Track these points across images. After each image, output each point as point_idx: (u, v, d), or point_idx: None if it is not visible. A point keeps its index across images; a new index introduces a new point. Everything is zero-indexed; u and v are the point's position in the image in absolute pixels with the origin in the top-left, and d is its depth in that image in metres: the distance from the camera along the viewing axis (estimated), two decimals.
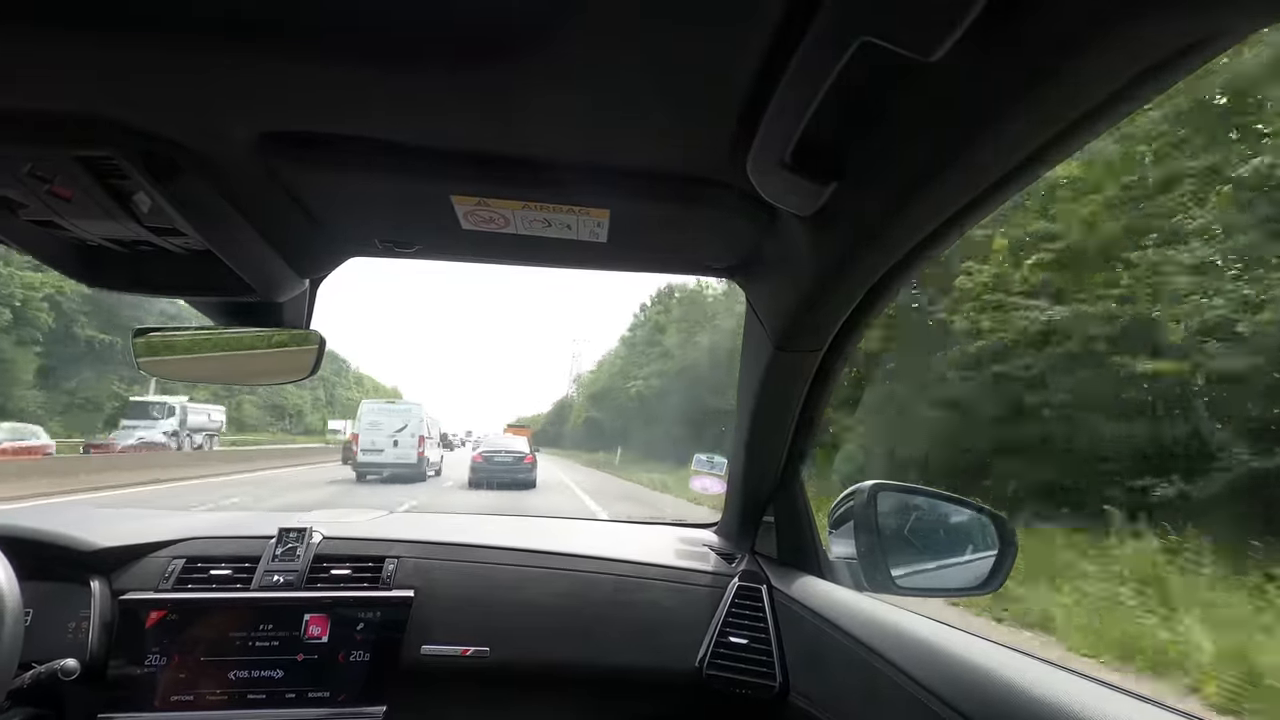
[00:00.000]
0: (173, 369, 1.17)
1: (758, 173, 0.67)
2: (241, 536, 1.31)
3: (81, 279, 0.93)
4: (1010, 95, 0.48)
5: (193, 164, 0.71)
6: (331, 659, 1.17)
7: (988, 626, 5.08)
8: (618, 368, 41.48)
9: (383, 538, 1.34)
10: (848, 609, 1.03)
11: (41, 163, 0.67)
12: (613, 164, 0.76)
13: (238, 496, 12.39)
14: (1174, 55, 0.42)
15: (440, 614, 1.23)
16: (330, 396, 59.29)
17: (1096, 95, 0.46)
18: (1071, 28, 0.42)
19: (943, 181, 0.59)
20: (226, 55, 0.56)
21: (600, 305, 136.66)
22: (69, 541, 1.20)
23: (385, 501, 11.03)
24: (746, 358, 1.19)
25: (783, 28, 0.50)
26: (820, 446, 8.01)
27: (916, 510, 1.34)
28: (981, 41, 0.42)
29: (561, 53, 0.55)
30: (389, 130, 0.69)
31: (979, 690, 0.70)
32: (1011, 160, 0.55)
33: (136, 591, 1.18)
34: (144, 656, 1.13)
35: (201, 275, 0.92)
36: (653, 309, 38.89)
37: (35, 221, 0.79)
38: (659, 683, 1.25)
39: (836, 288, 0.85)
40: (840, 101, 0.52)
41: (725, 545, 1.47)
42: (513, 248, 0.98)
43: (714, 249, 1.00)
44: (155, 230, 0.81)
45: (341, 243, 1.00)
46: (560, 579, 1.30)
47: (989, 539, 1.21)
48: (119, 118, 0.64)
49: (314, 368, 1.10)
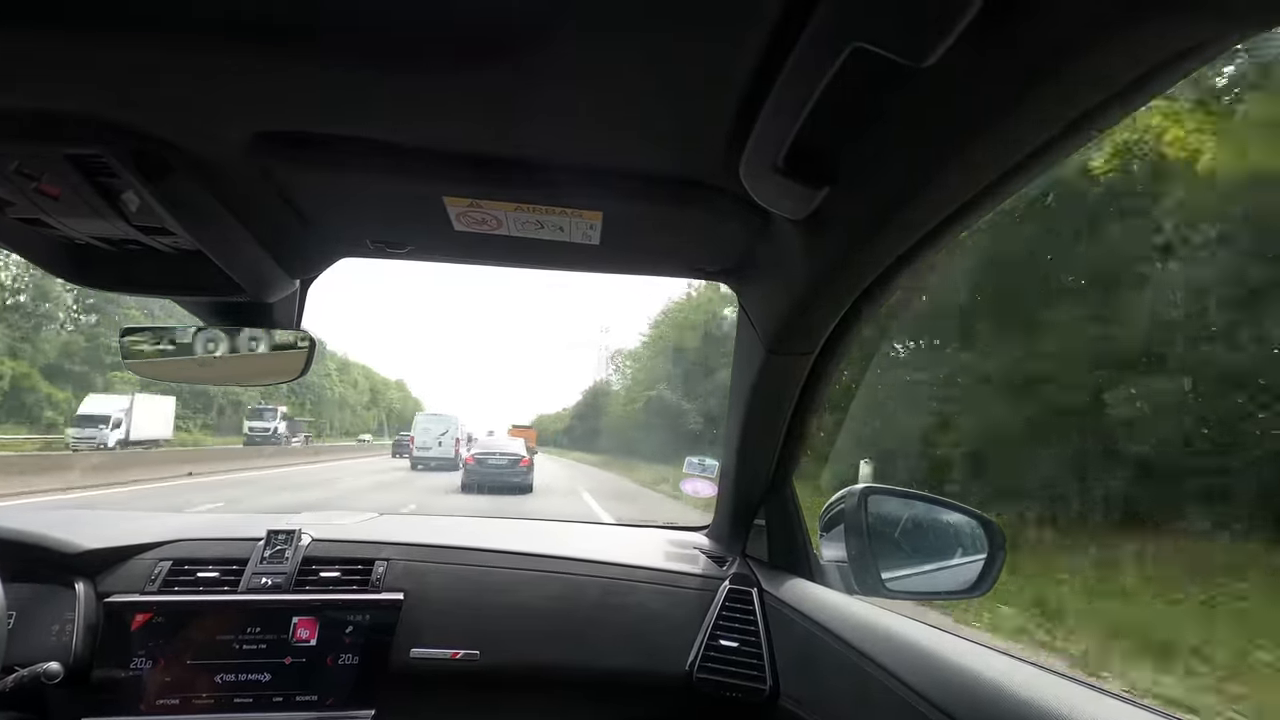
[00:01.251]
0: (161, 370, 1.16)
1: (751, 177, 0.67)
2: (229, 539, 1.30)
3: (69, 277, 0.92)
4: (1003, 100, 0.48)
5: (184, 163, 0.70)
6: (320, 662, 1.16)
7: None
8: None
9: (372, 540, 1.33)
10: (838, 612, 1.03)
11: (29, 160, 0.67)
12: (607, 166, 0.76)
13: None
14: (1170, 59, 0.43)
15: (430, 617, 1.22)
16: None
17: (1090, 100, 0.46)
18: (1066, 32, 0.42)
19: (936, 186, 0.60)
20: (224, 56, 0.56)
21: (625, 296, 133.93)
22: (53, 543, 1.18)
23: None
24: (738, 361, 1.19)
25: (777, 33, 0.50)
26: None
27: (907, 513, 1.35)
28: (975, 46, 0.42)
29: (558, 55, 0.55)
30: (383, 131, 0.69)
31: (968, 693, 0.71)
32: (1004, 164, 0.55)
33: (122, 594, 1.16)
34: (129, 660, 1.11)
35: (191, 275, 0.91)
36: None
37: (22, 219, 0.78)
38: (649, 686, 1.24)
39: (829, 291, 0.86)
40: (833, 106, 0.53)
41: (716, 548, 1.47)
42: (505, 249, 0.97)
43: (706, 252, 1.00)
44: (144, 229, 0.80)
45: (333, 243, 0.99)
46: (551, 581, 1.29)
47: (978, 542, 1.22)
48: (111, 117, 0.63)
49: (304, 369, 1.09)
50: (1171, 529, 5.79)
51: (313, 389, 48.75)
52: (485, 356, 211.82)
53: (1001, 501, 6.99)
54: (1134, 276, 6.69)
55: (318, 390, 50.28)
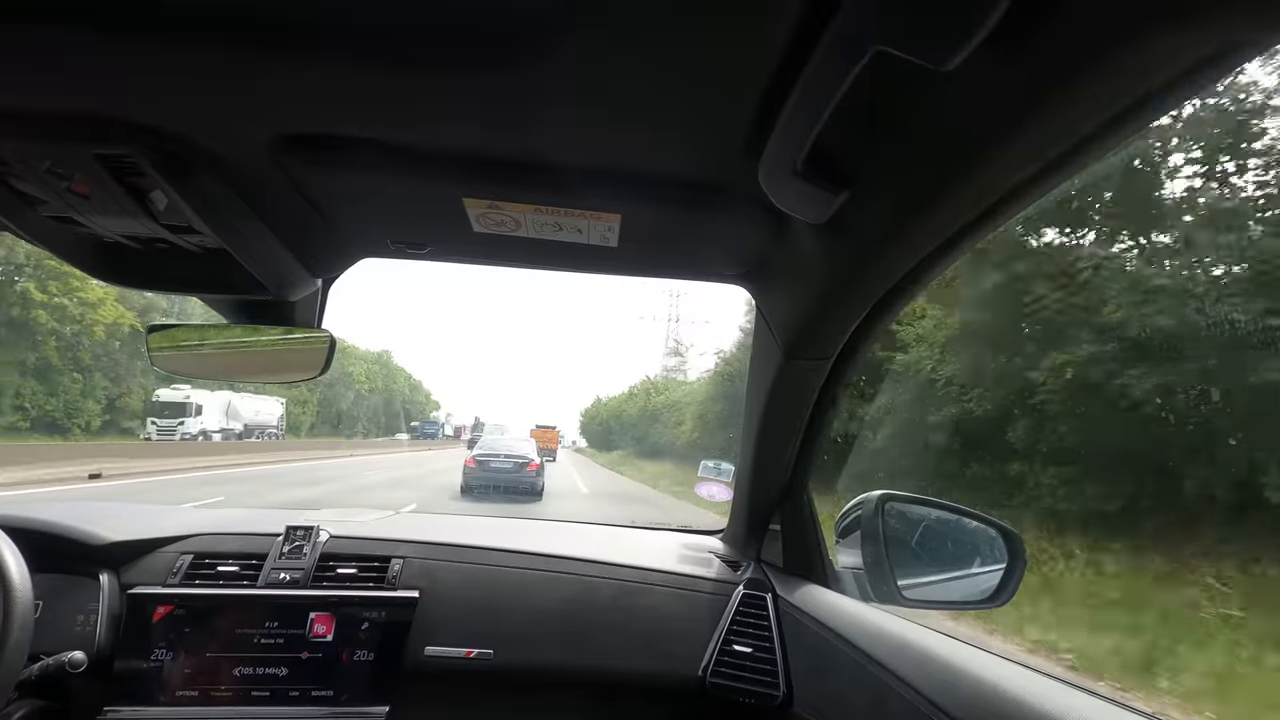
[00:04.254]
0: (186, 365, 1.18)
1: (769, 180, 0.67)
2: (249, 534, 1.32)
3: (98, 275, 0.94)
4: (1025, 106, 0.47)
5: (209, 164, 0.72)
6: (336, 658, 1.17)
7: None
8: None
9: (389, 538, 1.35)
10: (854, 620, 1.02)
11: (61, 160, 0.68)
12: (625, 169, 0.76)
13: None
14: (1193, 67, 0.42)
15: (445, 615, 1.23)
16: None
17: (1112, 108, 0.45)
18: (1091, 37, 0.41)
19: (955, 192, 0.59)
20: (247, 59, 0.57)
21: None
22: (80, 535, 1.21)
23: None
24: (755, 364, 1.18)
25: (797, 36, 0.50)
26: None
27: (924, 521, 1.33)
28: (998, 51, 0.42)
29: (578, 58, 0.55)
30: (403, 133, 0.70)
31: (987, 706, 0.69)
32: (1025, 172, 0.54)
33: (144, 586, 1.18)
34: (150, 651, 1.13)
35: (216, 273, 0.93)
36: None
37: (54, 218, 0.80)
38: (662, 689, 1.24)
39: (847, 296, 0.85)
40: (853, 110, 0.52)
41: (731, 553, 1.46)
42: (523, 250, 0.98)
43: (724, 255, 1.00)
44: (171, 228, 0.82)
45: (354, 243, 1.00)
46: (565, 583, 1.30)
47: (998, 552, 1.20)
48: (139, 118, 0.65)
49: (324, 366, 1.10)
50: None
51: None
52: (515, 354, 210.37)
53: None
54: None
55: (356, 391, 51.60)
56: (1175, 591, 5.22)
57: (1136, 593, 5.41)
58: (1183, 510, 5.75)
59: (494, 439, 16.28)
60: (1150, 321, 5.90)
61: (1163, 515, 5.91)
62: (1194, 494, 5.68)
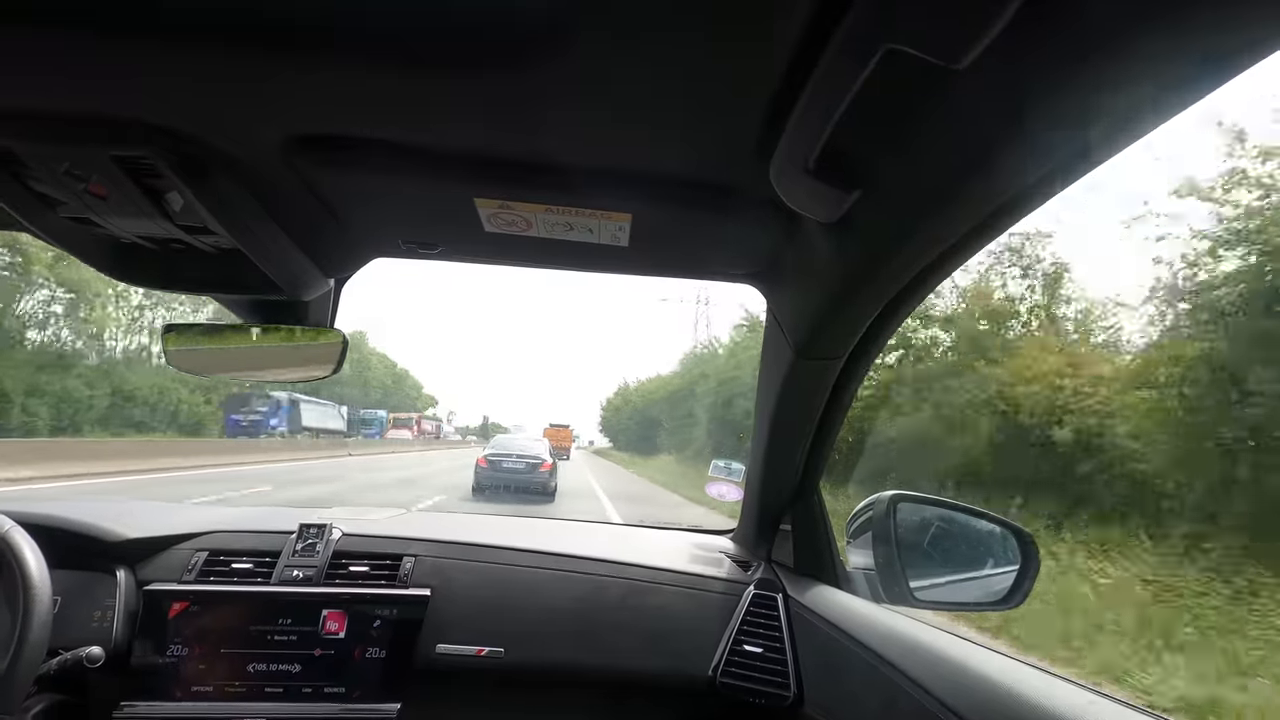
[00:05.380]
0: (201, 363, 1.19)
1: (781, 179, 0.67)
2: (263, 531, 1.33)
3: (115, 275, 0.95)
4: (1037, 104, 0.47)
5: (224, 165, 0.72)
6: (348, 655, 1.18)
7: None
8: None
9: (401, 535, 1.35)
10: (865, 620, 1.02)
11: (80, 162, 0.69)
12: (636, 169, 0.76)
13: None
14: (1208, 66, 0.41)
15: (456, 613, 1.24)
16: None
17: (1126, 106, 0.45)
18: (1103, 35, 0.40)
19: (968, 190, 0.58)
20: (260, 61, 0.57)
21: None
22: (98, 532, 1.23)
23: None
24: (766, 364, 1.18)
25: (809, 34, 0.50)
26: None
27: (936, 522, 1.32)
28: (1010, 48, 0.41)
29: (587, 58, 0.55)
30: (414, 134, 0.70)
31: (1000, 708, 0.69)
32: (1038, 171, 0.54)
33: (160, 582, 1.20)
34: (166, 646, 1.15)
35: (230, 273, 0.94)
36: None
37: (72, 219, 0.81)
38: (673, 689, 1.24)
39: (859, 295, 0.84)
40: (865, 108, 0.52)
41: (741, 552, 1.46)
42: (534, 250, 0.98)
43: (736, 255, 1.00)
44: (186, 229, 0.83)
45: (366, 243, 1.01)
46: (576, 582, 1.30)
47: (1011, 553, 1.19)
48: (155, 120, 0.65)
49: (337, 365, 1.11)
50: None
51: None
52: (528, 352, 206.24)
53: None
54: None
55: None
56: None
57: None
58: None
59: (507, 438, 16.02)
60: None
61: None
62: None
